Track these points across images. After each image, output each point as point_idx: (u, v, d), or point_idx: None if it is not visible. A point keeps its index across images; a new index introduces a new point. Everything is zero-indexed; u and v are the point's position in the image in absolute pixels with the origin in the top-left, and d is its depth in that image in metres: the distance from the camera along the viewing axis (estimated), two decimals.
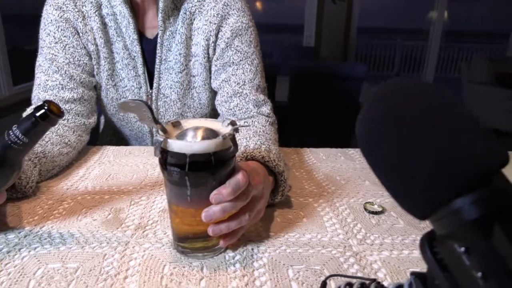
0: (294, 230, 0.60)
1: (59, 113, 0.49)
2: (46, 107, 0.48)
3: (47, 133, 0.67)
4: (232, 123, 0.51)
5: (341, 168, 0.85)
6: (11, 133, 0.48)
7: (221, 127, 0.52)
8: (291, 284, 0.47)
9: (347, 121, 2.56)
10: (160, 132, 0.49)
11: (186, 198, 0.50)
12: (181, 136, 0.50)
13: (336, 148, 0.97)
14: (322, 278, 0.48)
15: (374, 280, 0.33)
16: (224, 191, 0.48)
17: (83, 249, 0.53)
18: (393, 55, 6.83)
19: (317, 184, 0.76)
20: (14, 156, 0.50)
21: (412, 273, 0.27)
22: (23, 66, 2.55)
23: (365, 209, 0.66)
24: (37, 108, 0.48)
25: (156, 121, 0.49)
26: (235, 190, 0.48)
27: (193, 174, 0.48)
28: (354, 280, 0.33)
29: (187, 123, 0.53)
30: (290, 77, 2.36)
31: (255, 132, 0.76)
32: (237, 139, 0.74)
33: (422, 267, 0.26)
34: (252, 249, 0.54)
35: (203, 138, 0.49)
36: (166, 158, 0.48)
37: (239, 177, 0.49)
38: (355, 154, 0.94)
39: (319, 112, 2.42)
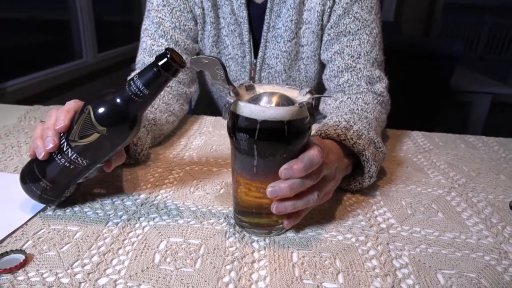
0: (431, 226, 0.52)
1: (181, 63, 0.44)
2: (168, 56, 0.43)
3: (155, 100, 0.64)
4: (311, 91, 0.45)
5: (465, 157, 0.75)
6: (132, 84, 0.44)
7: (298, 95, 0.46)
8: None
9: (432, 105, 2.37)
10: (232, 94, 0.43)
11: (252, 169, 0.44)
12: (254, 100, 0.44)
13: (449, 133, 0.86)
14: None
15: None
16: (296, 166, 0.42)
17: (202, 225, 0.50)
18: (478, 35, 6.17)
19: (442, 173, 0.67)
20: (135, 110, 0.46)
21: None
22: (104, 36, 2.65)
23: None
24: (159, 57, 0.43)
25: (229, 81, 0.44)
26: (307, 167, 0.42)
27: (262, 143, 0.42)
28: None
29: (261, 88, 0.47)
30: None
31: (351, 110, 0.68)
32: (329, 116, 0.66)
33: None
34: (388, 243, 0.48)
35: (277, 105, 0.43)
36: (235, 123, 0.43)
37: (314, 152, 0.43)
38: (477, 142, 0.83)
39: (402, 92, 2.24)
